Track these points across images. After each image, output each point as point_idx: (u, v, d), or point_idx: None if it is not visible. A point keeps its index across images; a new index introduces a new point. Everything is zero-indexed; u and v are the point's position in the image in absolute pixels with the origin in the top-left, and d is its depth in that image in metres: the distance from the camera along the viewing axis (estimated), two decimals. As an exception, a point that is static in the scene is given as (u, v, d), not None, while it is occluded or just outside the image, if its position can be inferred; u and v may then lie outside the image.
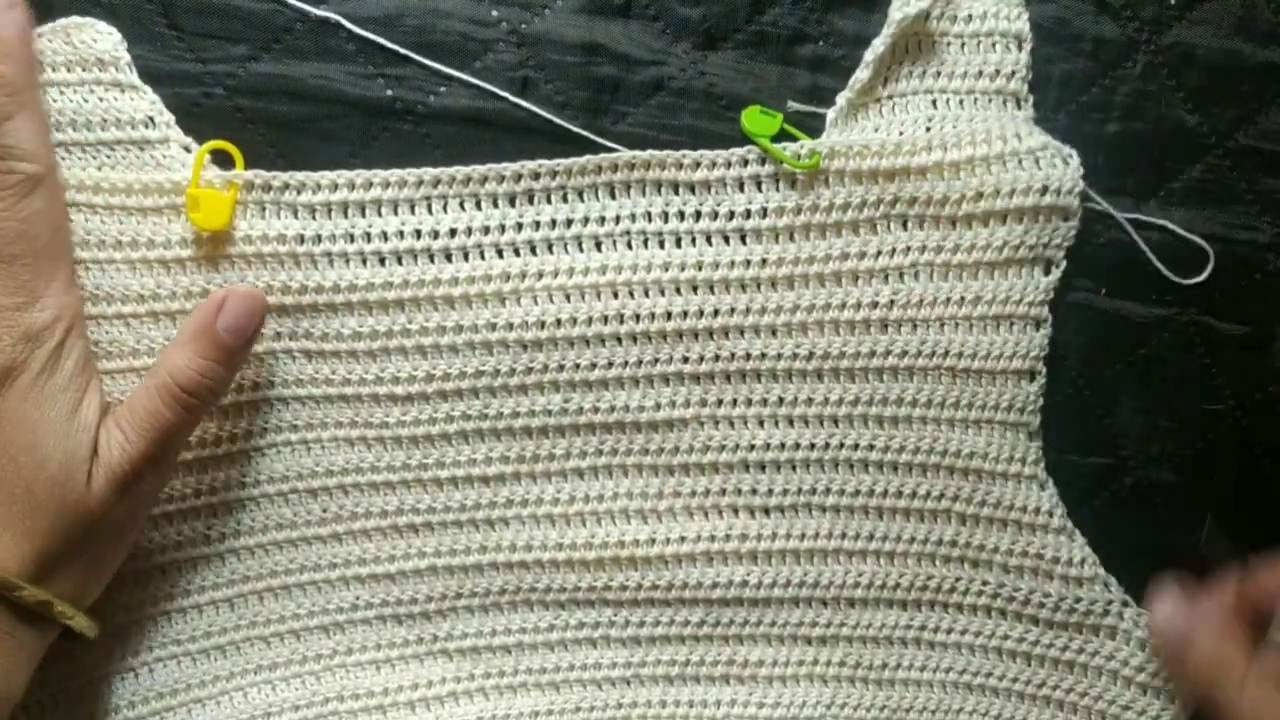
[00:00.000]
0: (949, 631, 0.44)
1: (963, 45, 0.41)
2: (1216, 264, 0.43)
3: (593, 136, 0.42)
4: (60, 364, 0.38)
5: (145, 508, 0.41)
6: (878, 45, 0.40)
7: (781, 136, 0.41)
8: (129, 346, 0.41)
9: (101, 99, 0.40)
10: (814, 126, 0.42)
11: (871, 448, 0.43)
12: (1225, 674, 0.38)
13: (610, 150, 0.42)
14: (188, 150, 0.41)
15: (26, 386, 0.37)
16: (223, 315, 0.39)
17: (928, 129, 0.41)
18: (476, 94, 0.42)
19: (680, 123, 0.43)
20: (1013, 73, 0.41)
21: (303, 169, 0.41)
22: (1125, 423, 0.44)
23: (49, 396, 0.37)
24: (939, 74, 0.41)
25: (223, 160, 0.41)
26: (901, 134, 0.41)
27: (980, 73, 0.41)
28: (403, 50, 0.41)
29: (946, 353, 0.42)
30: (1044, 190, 0.40)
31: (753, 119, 0.41)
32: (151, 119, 0.41)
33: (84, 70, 0.40)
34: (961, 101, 0.41)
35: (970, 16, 0.41)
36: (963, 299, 0.41)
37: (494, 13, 0.42)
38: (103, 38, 0.40)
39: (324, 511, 0.43)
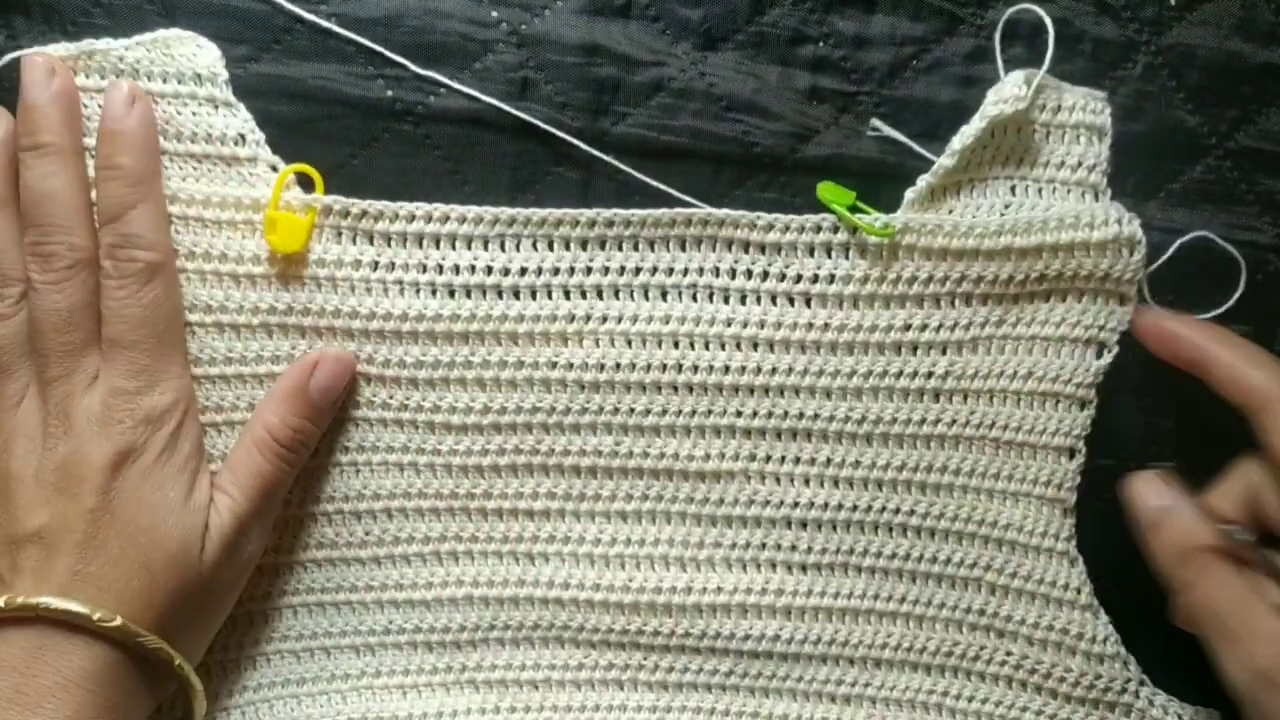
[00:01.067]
0: (970, 699, 0.44)
1: (1047, 135, 0.41)
2: (1217, 265, 0.43)
3: (585, 146, 0.42)
4: (178, 446, 0.39)
5: (252, 564, 0.42)
6: (966, 135, 0.41)
7: (853, 211, 0.41)
8: (190, 355, 0.41)
9: (195, 113, 0.41)
10: (889, 154, 0.43)
11: (912, 513, 0.43)
12: (1187, 559, 0.39)
13: (604, 159, 0.42)
14: (274, 169, 0.41)
15: (146, 468, 0.38)
16: (315, 377, 0.41)
17: (1003, 214, 0.42)
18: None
19: (680, 123, 0.43)
20: (1094, 165, 0.41)
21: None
22: (1126, 424, 0.45)
23: (167, 478, 0.39)
24: (1021, 161, 0.42)
25: (303, 180, 0.42)
26: (976, 216, 0.42)
27: (1062, 163, 0.42)
28: (396, 56, 0.42)
29: (993, 424, 0.43)
30: (1105, 278, 0.41)
31: (829, 190, 0.42)
32: (243, 136, 0.41)
33: (180, 83, 0.41)
34: (1040, 190, 0.42)
35: (1059, 108, 0.41)
36: (1015, 373, 0.42)
37: (494, 13, 0.42)
38: (203, 53, 0.41)
39: (366, 534, 0.44)
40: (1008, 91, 0.40)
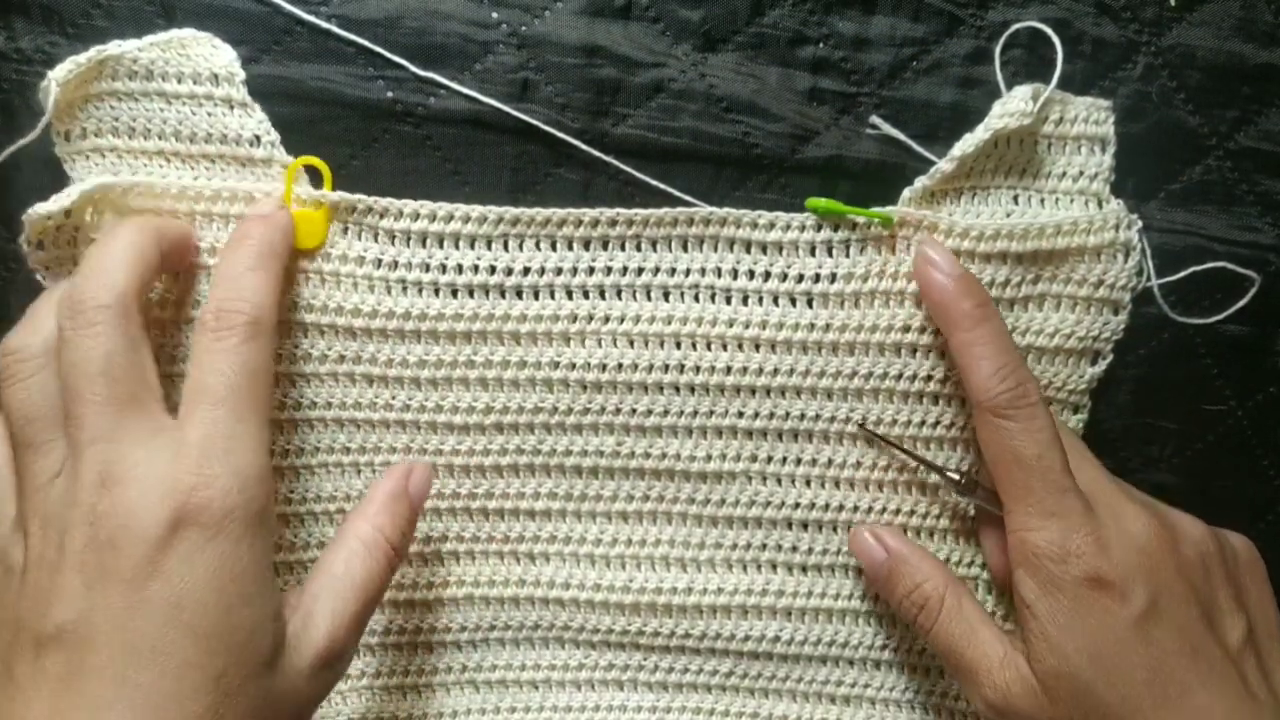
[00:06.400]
0: (969, 700, 0.44)
1: (1049, 146, 0.42)
2: (1221, 269, 0.43)
3: (585, 147, 0.42)
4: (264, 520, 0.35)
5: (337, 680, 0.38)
6: (968, 144, 0.41)
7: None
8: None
9: (210, 113, 0.41)
10: (889, 156, 0.43)
11: (911, 513, 0.43)
12: (918, 606, 0.41)
13: (605, 160, 0.42)
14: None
15: (239, 534, 0.33)
16: (412, 481, 0.40)
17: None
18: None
19: (681, 125, 0.43)
20: (1095, 174, 0.42)
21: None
22: (1126, 424, 0.45)
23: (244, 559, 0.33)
24: (1024, 172, 0.42)
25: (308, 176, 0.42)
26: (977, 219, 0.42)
27: (1064, 174, 0.42)
28: (396, 58, 0.41)
29: None
30: (1099, 284, 0.42)
31: (816, 201, 0.41)
32: (258, 137, 0.41)
33: (195, 83, 0.40)
34: (1043, 200, 0.42)
35: (1062, 119, 0.42)
36: None
37: (494, 15, 0.42)
38: (219, 53, 0.41)
39: (367, 534, 0.43)
40: (1014, 106, 0.40)
